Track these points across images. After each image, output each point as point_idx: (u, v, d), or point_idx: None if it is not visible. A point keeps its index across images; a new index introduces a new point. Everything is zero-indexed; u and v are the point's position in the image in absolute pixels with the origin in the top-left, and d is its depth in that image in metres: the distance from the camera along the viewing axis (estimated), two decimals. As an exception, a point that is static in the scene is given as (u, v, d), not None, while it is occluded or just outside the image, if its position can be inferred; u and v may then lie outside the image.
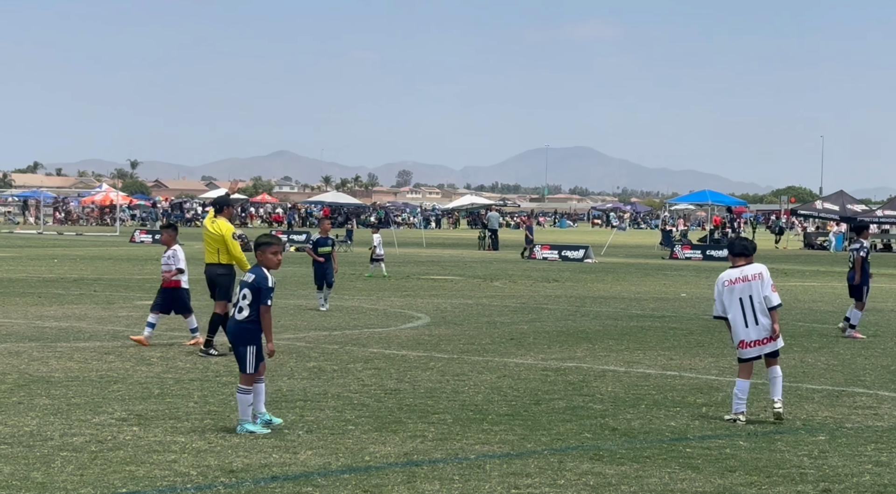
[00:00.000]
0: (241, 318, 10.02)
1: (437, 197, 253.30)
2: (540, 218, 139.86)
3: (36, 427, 9.90)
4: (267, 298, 10.02)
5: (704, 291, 29.65)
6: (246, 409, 9.87)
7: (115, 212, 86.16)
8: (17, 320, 18.85)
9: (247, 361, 9.97)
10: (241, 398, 9.91)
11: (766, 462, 9.09)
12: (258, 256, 10.26)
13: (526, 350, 16.05)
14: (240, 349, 10.02)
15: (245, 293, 10.04)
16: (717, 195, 67.45)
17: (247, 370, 9.96)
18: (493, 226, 58.40)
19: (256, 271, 10.15)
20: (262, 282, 10.02)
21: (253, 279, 10.06)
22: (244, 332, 10.02)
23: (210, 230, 15.46)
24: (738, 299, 11.07)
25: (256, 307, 10.00)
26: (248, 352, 9.97)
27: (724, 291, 11.16)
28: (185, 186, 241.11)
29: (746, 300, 11.04)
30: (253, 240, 10.69)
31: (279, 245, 10.43)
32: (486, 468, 8.66)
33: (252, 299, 10.00)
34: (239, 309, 10.04)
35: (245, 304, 10.02)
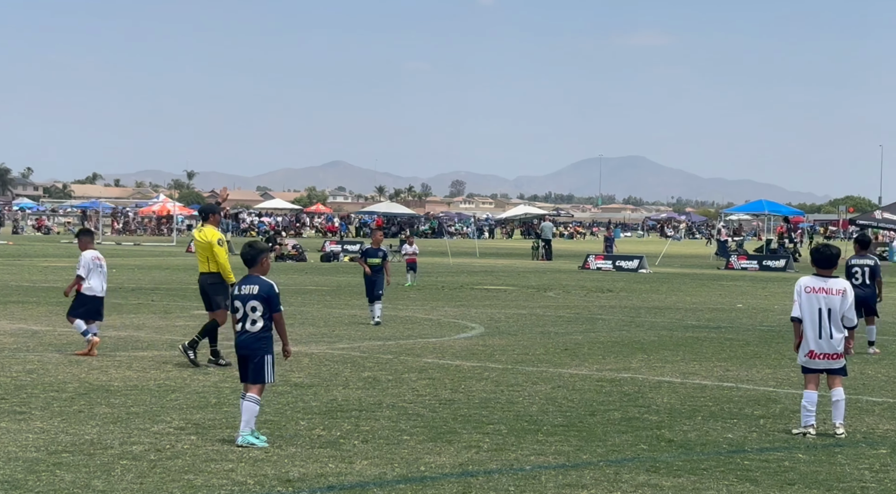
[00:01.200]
0: (256, 330, 9.98)
1: (491, 207, 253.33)
2: (594, 228, 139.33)
3: (96, 436, 10.03)
4: (278, 304, 10.06)
5: (761, 302, 29.36)
6: (251, 419, 9.84)
7: (172, 222, 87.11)
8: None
9: (266, 371, 9.96)
10: (249, 408, 9.82)
11: (825, 475, 8.97)
12: (260, 264, 10.21)
13: (580, 361, 15.99)
14: (258, 360, 9.96)
15: (254, 305, 9.97)
16: (774, 205, 66.74)
17: (266, 380, 9.98)
18: (546, 236, 58.25)
19: (259, 282, 10.07)
20: (269, 290, 10.02)
21: (258, 291, 10.00)
22: (262, 342, 10.00)
23: (198, 239, 15.33)
24: (815, 309, 10.79)
25: (269, 317, 10.01)
26: (267, 362, 9.98)
27: (804, 297, 10.84)
28: (241, 196, 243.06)
29: (824, 312, 10.75)
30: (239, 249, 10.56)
31: (268, 251, 10.50)
32: (542, 479, 8.63)
33: (264, 310, 10.00)
34: (251, 322, 9.98)
35: (257, 316, 9.99)
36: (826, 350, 10.76)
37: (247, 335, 10.02)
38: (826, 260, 11.00)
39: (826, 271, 10.96)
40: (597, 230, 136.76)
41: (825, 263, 10.99)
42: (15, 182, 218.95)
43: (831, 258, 11.00)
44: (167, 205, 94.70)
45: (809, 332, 10.77)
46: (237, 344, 10.11)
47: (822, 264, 10.99)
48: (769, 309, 26.70)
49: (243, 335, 10.04)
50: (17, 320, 20.54)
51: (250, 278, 10.16)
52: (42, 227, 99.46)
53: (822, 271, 10.95)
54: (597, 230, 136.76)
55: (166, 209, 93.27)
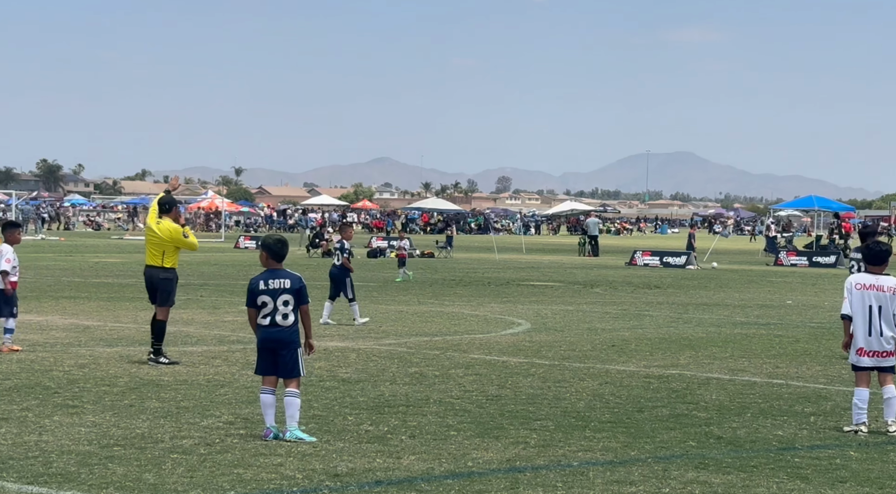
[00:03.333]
0: (288, 324, 9.98)
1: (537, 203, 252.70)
2: (641, 224, 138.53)
3: (147, 430, 10.14)
4: (307, 296, 10.10)
5: (811, 298, 29.07)
6: (296, 413, 9.87)
7: (221, 218, 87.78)
8: (127, 324, 19.33)
9: (299, 365, 10.00)
10: (292, 403, 9.87)
11: (878, 473, 8.87)
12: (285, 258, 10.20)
13: (628, 357, 15.92)
14: (291, 354, 9.97)
15: (286, 300, 9.96)
16: (824, 201, 65.97)
17: (300, 374, 10.00)
18: (592, 232, 58.01)
19: (289, 276, 10.06)
20: (299, 283, 10.04)
21: (290, 284, 9.99)
22: (294, 335, 10.02)
23: (155, 231, 14.84)
24: (866, 305, 10.66)
25: (297, 310, 10.03)
26: (299, 355, 10.02)
27: (855, 294, 10.73)
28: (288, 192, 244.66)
29: (875, 309, 10.63)
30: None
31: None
32: (590, 475, 8.61)
33: (295, 304, 10.01)
34: (283, 316, 9.97)
35: (289, 310, 9.98)
36: (875, 348, 10.63)
37: (278, 329, 9.99)
38: (877, 257, 10.87)
39: (878, 268, 10.84)
40: (644, 226, 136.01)
41: (876, 259, 10.86)
42: (66, 179, 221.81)
43: (881, 255, 10.88)
44: (215, 201, 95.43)
45: (860, 329, 10.65)
46: (266, 338, 10.04)
47: (873, 261, 10.87)
48: (819, 306, 26.42)
49: (275, 329, 9.99)
50: (69, 315, 20.80)
51: (278, 273, 10.09)
52: (93, 223, 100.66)
53: (874, 268, 10.84)
54: (644, 226, 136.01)
55: (214, 205, 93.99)
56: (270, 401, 9.97)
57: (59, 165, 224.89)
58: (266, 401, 9.98)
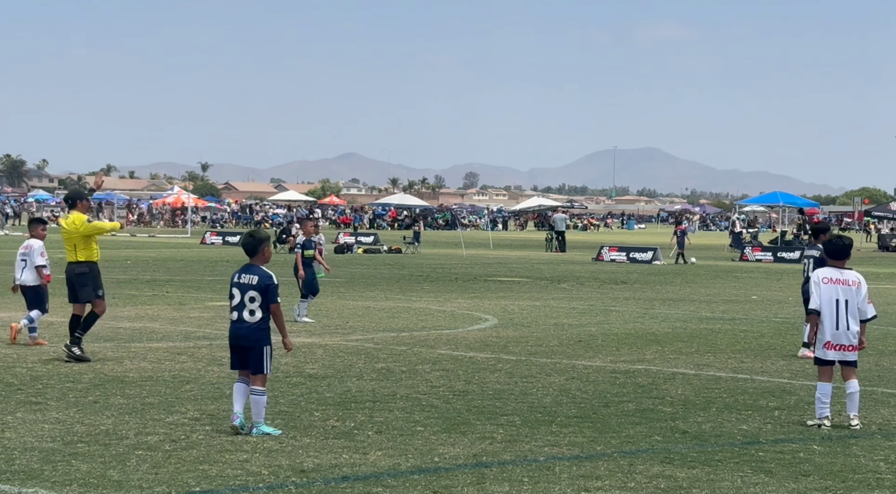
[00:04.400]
0: (254, 321, 9.95)
1: (504, 199, 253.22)
2: (608, 219, 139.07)
3: (112, 426, 10.07)
4: (276, 295, 10.01)
5: (776, 293, 29.29)
6: (261, 410, 9.87)
7: (187, 214, 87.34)
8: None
9: (264, 362, 9.96)
10: (258, 401, 9.87)
11: (841, 466, 8.95)
12: (262, 253, 10.13)
13: (594, 353, 15.98)
14: (256, 351, 9.94)
15: (252, 296, 9.94)
16: (789, 197, 66.61)
17: (265, 371, 9.96)
18: (559, 228, 58.20)
19: (258, 272, 10.02)
20: (268, 280, 9.97)
21: (257, 281, 9.94)
22: (260, 333, 9.97)
23: (65, 227, 14.74)
24: (833, 300, 10.71)
25: (266, 308, 9.98)
26: (266, 353, 9.97)
27: (822, 288, 10.75)
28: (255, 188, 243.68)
29: (842, 304, 10.69)
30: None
31: (269, 240, 10.41)
32: (556, 470, 8.64)
33: (262, 301, 9.96)
34: (250, 313, 9.95)
35: (255, 306, 9.95)
36: (843, 342, 10.72)
37: (245, 325, 9.99)
38: (841, 251, 10.96)
39: (841, 262, 10.92)
40: (611, 222, 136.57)
41: (840, 254, 10.94)
42: (30, 174, 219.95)
43: (845, 249, 10.96)
44: (181, 197, 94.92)
45: (827, 323, 10.73)
46: (232, 333, 10.07)
47: (837, 256, 10.95)
48: (784, 301, 26.62)
49: (241, 325, 10.00)
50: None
51: (250, 268, 10.08)
52: (57, 219, 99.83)
53: (837, 262, 10.92)
54: (611, 222, 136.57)
55: (180, 201, 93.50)
56: (241, 389, 9.99)
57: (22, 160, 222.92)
58: (237, 389, 10.01)
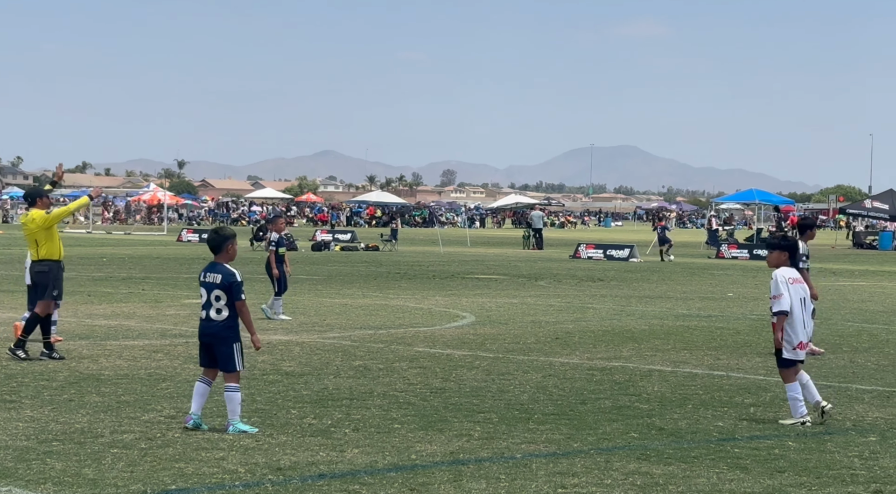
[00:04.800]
0: (221, 319, 9.91)
1: (482, 196, 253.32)
2: (585, 217, 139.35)
3: (87, 424, 10.02)
4: (240, 293, 9.95)
5: (751, 290, 29.41)
6: (236, 408, 9.83)
7: (163, 211, 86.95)
8: (67, 318, 19.06)
9: (234, 359, 9.92)
10: (232, 397, 9.83)
11: (815, 462, 9.00)
12: (226, 251, 10.08)
13: (571, 350, 16.01)
14: (225, 349, 9.91)
15: (218, 294, 9.90)
16: (764, 194, 66.94)
17: (236, 368, 9.92)
18: (536, 225, 58.28)
19: (221, 270, 9.98)
20: (231, 278, 9.92)
21: (221, 279, 9.91)
22: (228, 331, 9.93)
23: (26, 225, 14.59)
24: (799, 299, 10.80)
25: (232, 305, 9.93)
26: (235, 350, 9.93)
27: (790, 288, 10.80)
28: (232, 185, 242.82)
29: (804, 302, 10.85)
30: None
31: (234, 237, 10.34)
32: (533, 467, 8.65)
33: (227, 299, 9.92)
34: (216, 311, 9.92)
35: (222, 304, 9.91)
36: (805, 340, 10.86)
37: (212, 323, 9.96)
38: (794, 249, 11.08)
39: (792, 260, 11.04)
40: (588, 219, 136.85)
41: (793, 251, 11.06)
42: (5, 171, 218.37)
43: (797, 247, 11.07)
44: (157, 194, 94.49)
45: (798, 324, 10.78)
46: (201, 332, 10.06)
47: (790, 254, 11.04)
48: (760, 298, 26.73)
49: (209, 324, 9.98)
50: (6, 309, 20.48)
51: (214, 266, 10.06)
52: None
53: (790, 260, 11.02)
54: (588, 219, 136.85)
55: (156, 198, 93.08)
56: (201, 390, 9.96)
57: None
58: (197, 389, 9.99)
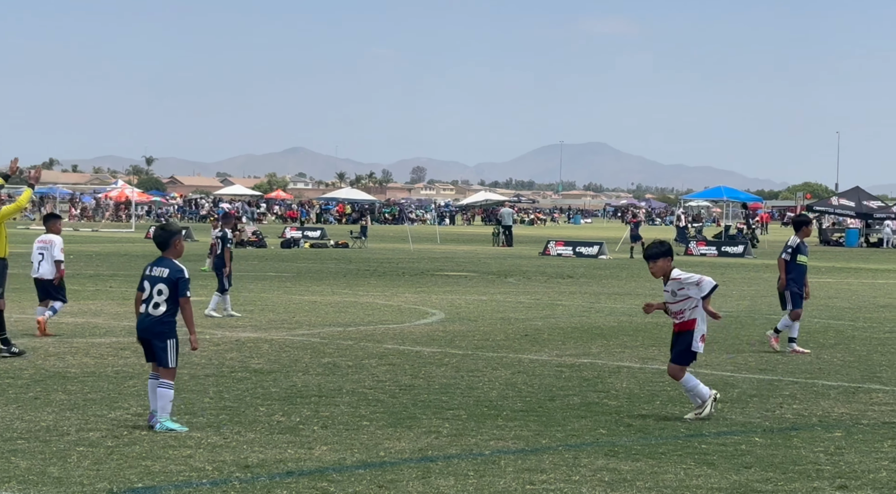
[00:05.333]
0: (158, 313, 9.85)
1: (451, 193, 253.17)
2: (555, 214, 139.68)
3: (52, 422, 9.94)
4: (186, 289, 9.91)
5: (719, 287, 29.54)
6: (167, 405, 9.77)
7: (131, 208, 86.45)
8: (33, 316, 18.93)
9: (168, 356, 9.86)
10: (164, 394, 9.77)
11: (782, 458, 9.06)
12: (174, 246, 10.04)
13: (540, 347, 16.04)
14: (160, 344, 9.85)
15: (160, 288, 9.85)
16: (733, 192, 67.29)
17: (169, 365, 9.87)
18: (506, 222, 58.37)
19: (169, 264, 9.94)
20: (178, 274, 9.89)
21: (168, 274, 9.87)
22: (164, 326, 9.87)
23: None
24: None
25: (173, 302, 9.88)
26: (170, 346, 9.87)
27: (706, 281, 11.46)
28: (200, 182, 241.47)
29: None
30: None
31: (181, 233, 10.31)
32: (501, 463, 8.66)
33: (169, 294, 9.87)
34: (154, 305, 9.86)
35: (161, 299, 9.86)
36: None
37: (149, 318, 9.91)
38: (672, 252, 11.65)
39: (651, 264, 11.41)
40: (557, 216, 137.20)
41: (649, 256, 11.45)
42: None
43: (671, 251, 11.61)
44: (125, 191, 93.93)
45: (705, 319, 11.30)
46: (138, 326, 10.01)
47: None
48: (727, 295, 26.89)
49: (146, 318, 9.93)
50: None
51: (162, 261, 10.01)
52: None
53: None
54: (557, 216, 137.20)
55: (124, 195, 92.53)
56: (154, 386, 9.91)
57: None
58: (150, 386, 9.94)
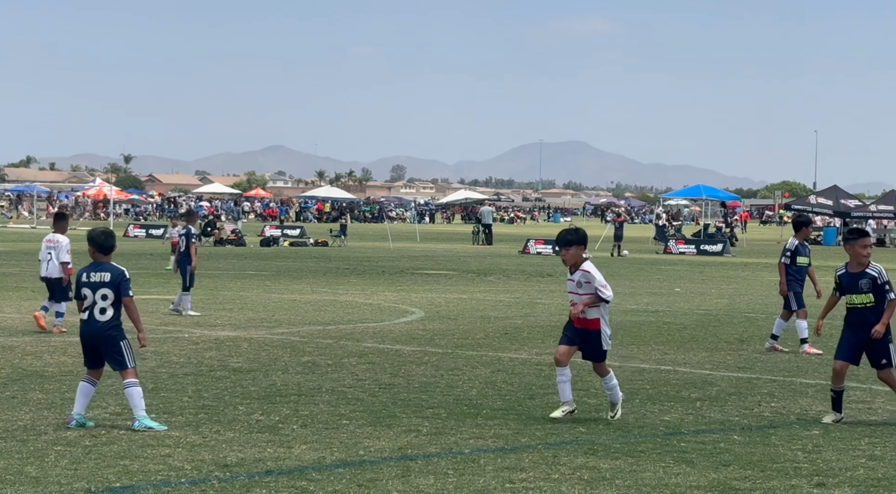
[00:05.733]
0: (106, 319, 9.82)
1: (431, 192, 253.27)
2: (534, 212, 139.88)
3: (30, 422, 9.88)
4: (128, 289, 9.89)
5: (698, 286, 29.69)
6: (139, 402, 9.73)
7: (109, 206, 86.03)
8: (10, 314, 18.82)
9: (125, 356, 9.82)
10: (133, 393, 9.73)
11: (760, 456, 9.10)
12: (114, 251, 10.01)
13: (520, 345, 16.05)
14: (114, 348, 9.82)
15: (105, 294, 9.82)
16: (711, 190, 67.58)
17: (129, 364, 9.81)
18: (486, 221, 58.42)
19: (109, 268, 9.90)
20: (121, 276, 9.86)
21: (110, 277, 9.84)
22: (114, 330, 9.84)
23: None
24: None
25: (118, 306, 9.85)
26: (124, 347, 9.83)
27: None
28: (179, 180, 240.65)
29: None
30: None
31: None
32: (481, 462, 8.66)
33: (114, 298, 9.83)
34: (101, 311, 9.82)
35: (107, 304, 9.83)
36: None
37: (96, 324, 9.84)
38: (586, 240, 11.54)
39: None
40: (537, 215, 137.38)
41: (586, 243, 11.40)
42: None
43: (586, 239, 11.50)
44: (104, 189, 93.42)
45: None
46: (83, 333, 9.93)
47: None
48: (706, 293, 27.00)
49: (92, 325, 9.86)
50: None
51: (102, 266, 9.95)
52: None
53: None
54: (537, 215, 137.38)
55: (103, 193, 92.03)
56: (85, 390, 9.86)
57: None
58: (81, 389, 9.87)
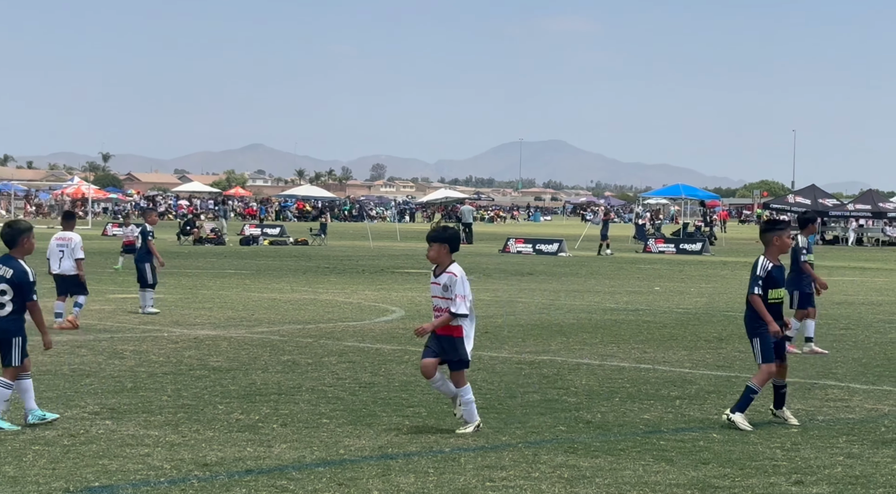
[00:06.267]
0: (4, 314, 9.68)
1: (412, 190, 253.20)
2: (514, 212, 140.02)
3: (8, 421, 9.81)
4: (31, 293, 9.74)
5: (678, 284, 29.78)
6: (1, 404, 9.61)
7: (87, 205, 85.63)
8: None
9: (13, 354, 9.68)
10: (0, 393, 9.59)
11: (739, 454, 9.14)
12: (21, 245, 9.89)
13: (500, 344, 16.07)
14: (5, 343, 9.68)
15: (3, 289, 9.68)
16: (691, 189, 67.83)
17: (14, 363, 9.69)
18: (466, 220, 58.46)
19: (14, 265, 9.77)
20: (23, 277, 9.72)
21: (12, 274, 9.70)
22: (10, 324, 9.69)
23: None
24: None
25: (19, 303, 9.72)
26: (15, 344, 9.69)
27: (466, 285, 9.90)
28: (158, 179, 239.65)
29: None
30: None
31: (30, 231, 10.10)
32: (461, 461, 8.66)
33: (14, 295, 9.69)
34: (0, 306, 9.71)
35: (6, 299, 9.69)
36: None
37: None
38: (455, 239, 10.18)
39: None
40: (517, 214, 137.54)
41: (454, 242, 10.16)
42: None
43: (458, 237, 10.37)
44: (82, 187, 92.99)
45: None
46: None
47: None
48: (686, 292, 27.08)
49: None
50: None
51: (8, 260, 9.83)
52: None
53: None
54: (517, 214, 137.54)
55: (81, 192, 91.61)
56: (23, 385, 9.74)
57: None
58: (18, 387, 9.74)
